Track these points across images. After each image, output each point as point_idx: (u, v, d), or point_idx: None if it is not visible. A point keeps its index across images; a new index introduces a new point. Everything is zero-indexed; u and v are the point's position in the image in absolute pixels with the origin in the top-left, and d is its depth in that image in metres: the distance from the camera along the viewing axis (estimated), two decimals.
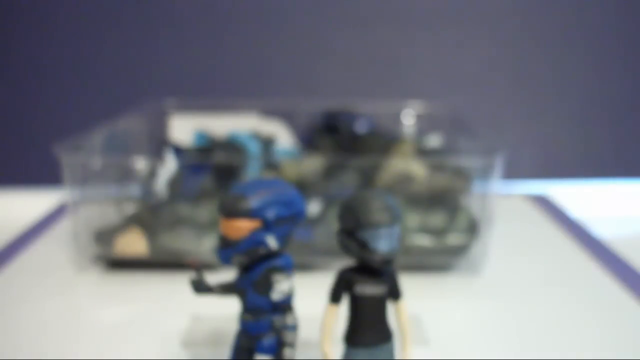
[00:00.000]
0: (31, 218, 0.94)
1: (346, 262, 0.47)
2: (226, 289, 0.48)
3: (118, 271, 0.75)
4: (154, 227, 0.75)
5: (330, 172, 0.80)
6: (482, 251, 0.76)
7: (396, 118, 1.01)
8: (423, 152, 0.87)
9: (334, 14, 1.08)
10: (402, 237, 0.73)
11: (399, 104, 1.01)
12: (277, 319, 0.47)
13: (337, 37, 1.08)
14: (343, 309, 0.47)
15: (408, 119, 1.01)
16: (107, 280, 0.74)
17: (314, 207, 0.76)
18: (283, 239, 0.46)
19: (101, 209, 0.80)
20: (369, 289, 0.46)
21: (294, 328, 0.47)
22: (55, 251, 0.81)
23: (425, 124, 1.00)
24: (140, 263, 0.75)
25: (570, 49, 1.09)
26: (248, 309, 0.47)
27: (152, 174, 0.79)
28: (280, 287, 0.46)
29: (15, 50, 1.07)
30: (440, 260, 0.76)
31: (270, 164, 0.82)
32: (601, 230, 0.91)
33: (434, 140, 0.93)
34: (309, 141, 0.95)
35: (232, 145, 0.85)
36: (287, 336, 0.47)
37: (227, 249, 0.46)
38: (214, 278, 0.50)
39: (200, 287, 0.48)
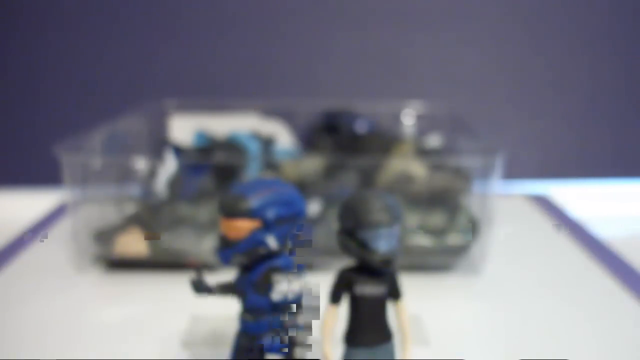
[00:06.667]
0: (31, 218, 0.94)
1: (346, 262, 0.47)
2: (226, 289, 0.48)
3: (118, 271, 0.75)
4: (154, 227, 0.75)
5: (330, 172, 0.80)
6: (482, 251, 0.76)
7: (396, 118, 1.01)
8: (423, 152, 0.87)
9: (334, 14, 1.08)
10: (402, 237, 0.73)
11: (399, 104, 1.02)
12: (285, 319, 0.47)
13: (337, 37, 1.08)
14: (343, 309, 0.47)
15: (408, 119, 1.01)
16: (107, 280, 0.74)
17: (314, 207, 0.76)
18: (283, 239, 0.46)
19: (101, 209, 0.80)
20: (369, 289, 0.46)
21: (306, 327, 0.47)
22: (55, 251, 0.81)
23: (425, 124, 1.00)
24: (140, 263, 0.75)
25: (570, 48, 1.09)
26: (248, 309, 0.47)
27: (152, 174, 0.79)
28: (280, 287, 0.46)
29: (15, 50, 1.07)
30: (440, 260, 0.76)
31: (270, 164, 0.82)
32: (601, 230, 0.91)
33: (434, 140, 0.93)
34: (309, 141, 0.95)
35: (232, 145, 0.85)
36: (299, 336, 0.47)
37: (227, 249, 0.46)
38: (214, 278, 0.50)
39: (200, 287, 0.48)
